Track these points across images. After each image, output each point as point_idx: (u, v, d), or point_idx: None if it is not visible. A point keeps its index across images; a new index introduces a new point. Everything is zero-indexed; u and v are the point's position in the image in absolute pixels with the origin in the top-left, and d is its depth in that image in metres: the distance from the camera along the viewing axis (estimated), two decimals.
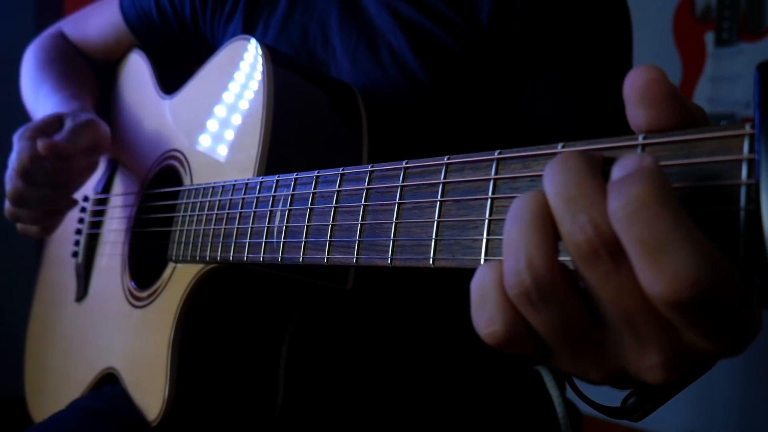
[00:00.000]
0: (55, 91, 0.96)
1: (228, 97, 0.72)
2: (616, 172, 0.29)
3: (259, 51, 0.68)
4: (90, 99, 0.98)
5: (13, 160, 0.80)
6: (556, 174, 0.30)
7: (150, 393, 0.72)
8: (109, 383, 0.84)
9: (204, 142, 0.75)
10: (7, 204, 0.83)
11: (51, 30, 1.11)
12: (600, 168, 0.30)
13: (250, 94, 0.68)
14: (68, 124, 0.82)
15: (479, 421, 0.76)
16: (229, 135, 0.70)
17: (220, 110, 0.73)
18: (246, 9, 0.87)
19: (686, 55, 2.01)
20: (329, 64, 0.81)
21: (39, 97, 0.99)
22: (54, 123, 0.83)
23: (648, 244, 0.26)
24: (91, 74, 1.06)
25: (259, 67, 0.68)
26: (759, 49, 1.84)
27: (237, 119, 0.70)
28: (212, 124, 0.74)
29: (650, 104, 0.31)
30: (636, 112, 0.31)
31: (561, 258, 0.31)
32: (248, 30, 0.87)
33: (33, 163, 0.78)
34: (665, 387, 0.33)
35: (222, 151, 0.71)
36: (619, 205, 0.27)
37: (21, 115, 1.06)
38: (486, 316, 0.33)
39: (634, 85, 0.31)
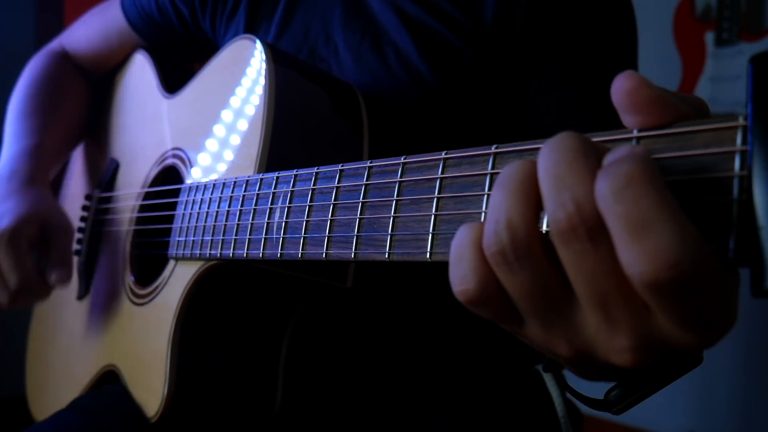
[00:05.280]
0: (22, 136, 0.95)
1: (230, 96, 0.72)
2: (608, 158, 0.29)
3: (262, 50, 0.69)
4: (63, 135, 1.00)
5: None
6: (549, 151, 0.31)
7: (149, 390, 0.72)
8: (109, 381, 0.85)
9: (205, 140, 0.75)
10: None
11: (53, 45, 1.09)
12: (594, 151, 0.31)
13: (251, 94, 0.69)
14: (61, 248, 0.83)
15: (479, 420, 0.76)
16: (231, 134, 0.71)
17: (221, 109, 0.74)
18: (249, 7, 0.88)
19: (686, 55, 2.01)
20: (330, 62, 0.81)
21: (10, 132, 0.97)
22: (34, 225, 0.82)
23: (631, 221, 0.27)
24: (75, 100, 1.05)
25: (262, 67, 0.68)
26: (759, 49, 1.84)
27: (238, 118, 0.70)
28: (214, 123, 0.74)
29: (635, 111, 0.31)
30: (625, 118, 0.32)
31: (542, 228, 0.32)
32: (251, 28, 0.87)
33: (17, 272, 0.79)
34: (647, 380, 0.34)
35: (223, 150, 0.71)
36: (605, 183, 0.28)
37: None
38: (460, 273, 0.34)
39: (617, 94, 0.31)
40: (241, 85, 0.71)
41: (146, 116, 0.93)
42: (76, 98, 1.06)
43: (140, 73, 0.99)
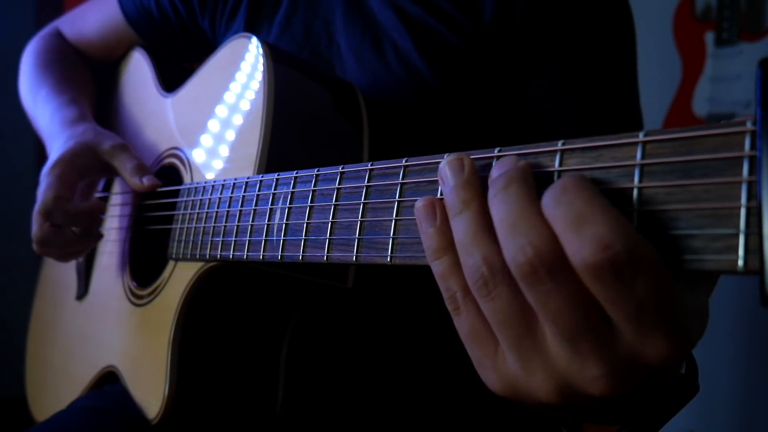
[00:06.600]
0: (54, 96, 0.95)
1: (228, 95, 0.72)
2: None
3: (260, 49, 0.68)
4: (88, 102, 0.98)
5: (38, 199, 0.79)
6: (500, 202, 0.34)
7: (150, 391, 0.72)
8: (109, 382, 0.84)
9: (204, 140, 0.75)
10: (34, 244, 0.82)
11: (48, 29, 1.10)
12: (536, 191, 0.33)
13: (250, 93, 0.68)
14: (126, 162, 0.80)
15: (479, 420, 0.76)
16: (229, 133, 0.70)
17: (220, 108, 0.73)
18: (249, 7, 0.87)
19: (686, 55, 2.01)
20: (333, 62, 0.81)
21: (37, 100, 0.98)
22: (84, 155, 0.81)
23: (570, 219, 0.31)
24: (89, 75, 1.05)
25: (260, 65, 0.68)
26: (759, 49, 1.84)
27: (237, 117, 0.70)
28: (212, 123, 0.74)
29: None
30: None
31: None
32: (251, 28, 0.87)
33: (56, 204, 0.78)
34: (649, 418, 0.34)
35: (222, 149, 0.71)
36: (546, 197, 0.32)
37: (21, 113, 1.06)
38: (447, 295, 0.38)
39: None
40: (238, 83, 0.71)
41: (144, 115, 0.93)
42: (88, 70, 1.07)
43: (138, 71, 0.99)
